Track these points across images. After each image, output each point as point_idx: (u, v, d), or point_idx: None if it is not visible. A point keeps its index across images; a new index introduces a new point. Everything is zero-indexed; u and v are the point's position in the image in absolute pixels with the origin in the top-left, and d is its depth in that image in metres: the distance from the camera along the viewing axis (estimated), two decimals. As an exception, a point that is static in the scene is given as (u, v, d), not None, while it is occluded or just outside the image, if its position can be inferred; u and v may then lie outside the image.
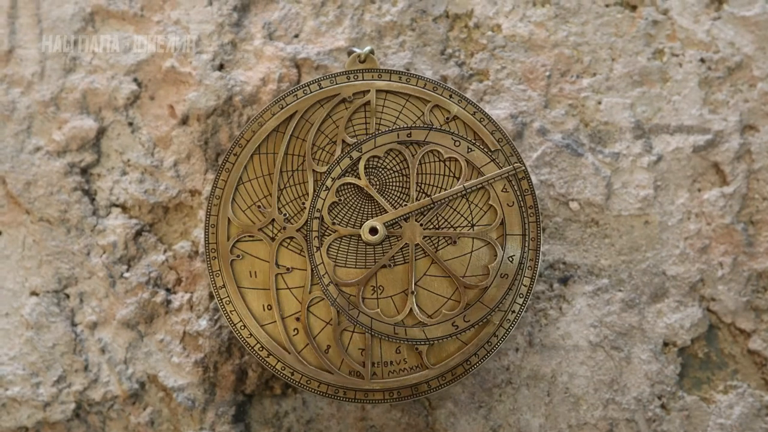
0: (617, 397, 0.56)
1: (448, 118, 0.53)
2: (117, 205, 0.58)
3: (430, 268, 0.52)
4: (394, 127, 0.53)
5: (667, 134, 0.58)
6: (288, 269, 0.53)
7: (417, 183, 0.53)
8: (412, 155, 0.53)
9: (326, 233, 0.53)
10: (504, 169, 0.52)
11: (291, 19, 0.59)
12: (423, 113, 0.53)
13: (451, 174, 0.53)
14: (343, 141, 0.53)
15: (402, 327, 0.52)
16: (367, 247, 0.53)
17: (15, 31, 0.59)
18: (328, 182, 0.53)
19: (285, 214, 0.53)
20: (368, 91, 0.53)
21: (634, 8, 0.59)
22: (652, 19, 0.59)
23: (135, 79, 0.59)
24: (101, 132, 0.59)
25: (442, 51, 0.59)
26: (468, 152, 0.53)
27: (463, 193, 0.52)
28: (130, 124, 0.59)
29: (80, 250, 0.58)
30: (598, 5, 0.59)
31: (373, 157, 0.53)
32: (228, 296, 0.52)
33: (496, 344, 0.52)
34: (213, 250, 0.53)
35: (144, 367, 0.57)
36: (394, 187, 0.53)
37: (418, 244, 0.52)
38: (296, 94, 0.54)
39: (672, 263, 0.57)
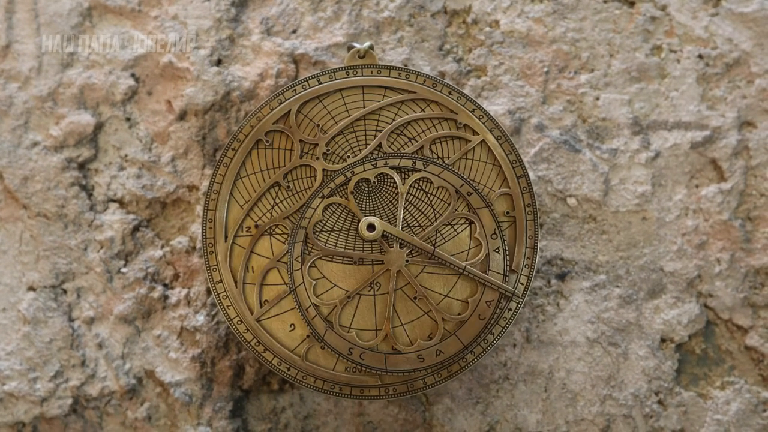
0: (614, 393, 0.56)
1: (508, 212, 0.53)
2: (114, 201, 0.58)
3: (383, 296, 0.52)
4: (466, 178, 0.53)
5: (664, 130, 0.58)
6: (288, 187, 0.53)
7: (438, 229, 0.53)
8: (456, 209, 0.53)
9: (339, 194, 0.53)
10: (505, 286, 0.52)
11: (289, 15, 0.59)
12: (491, 181, 0.53)
13: (467, 248, 0.53)
14: (423, 147, 0.53)
15: (315, 313, 0.52)
16: (356, 233, 0.53)
17: (12, 27, 0.59)
18: (380, 162, 0.53)
19: (329, 150, 0.53)
20: (478, 134, 0.53)
21: (632, 4, 0.59)
22: (650, 15, 0.59)
23: (132, 75, 0.59)
24: (99, 127, 0.59)
25: (440, 47, 0.59)
26: (494, 249, 0.52)
27: (460, 271, 0.52)
28: (128, 119, 0.59)
29: (77, 245, 0.58)
30: (596, 1, 0.59)
31: (426, 179, 0.53)
32: (225, 291, 0.52)
33: (493, 342, 0.52)
34: (210, 245, 0.53)
35: (141, 363, 0.57)
36: (417, 213, 0.53)
37: (389, 270, 0.52)
38: (295, 89, 0.54)
39: (669, 259, 0.57)
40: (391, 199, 0.53)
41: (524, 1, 0.59)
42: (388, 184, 0.53)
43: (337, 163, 0.53)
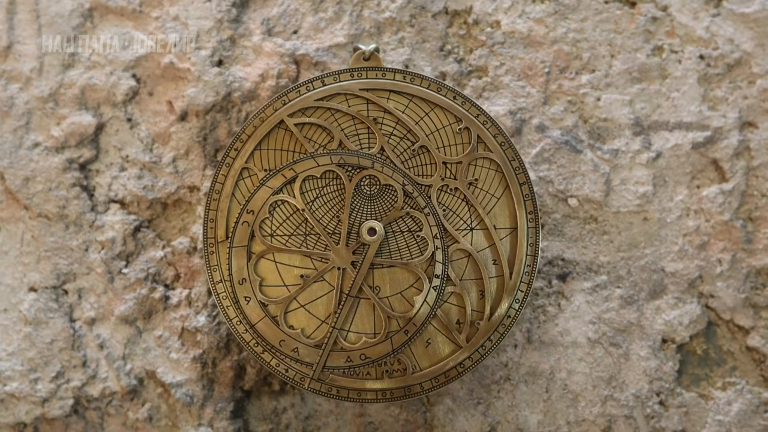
0: (616, 394, 0.56)
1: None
2: (115, 201, 0.58)
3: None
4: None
5: (666, 131, 0.58)
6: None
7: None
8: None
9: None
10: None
11: (290, 15, 0.59)
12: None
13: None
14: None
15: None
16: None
17: (13, 27, 0.59)
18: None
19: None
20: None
21: (633, 5, 0.59)
22: (652, 16, 0.59)
23: (134, 75, 0.59)
24: (100, 128, 0.59)
25: (441, 47, 0.59)
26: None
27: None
28: (129, 119, 0.59)
29: (79, 246, 0.58)
30: (598, 2, 0.59)
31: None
32: (225, 292, 0.52)
33: (491, 348, 0.52)
34: (211, 246, 0.53)
35: (142, 363, 0.57)
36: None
37: (328, 261, 0.52)
38: (299, 90, 0.54)
39: (671, 260, 0.57)
40: (390, 206, 0.53)
41: (525, 1, 0.59)
42: (389, 191, 0.53)
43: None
